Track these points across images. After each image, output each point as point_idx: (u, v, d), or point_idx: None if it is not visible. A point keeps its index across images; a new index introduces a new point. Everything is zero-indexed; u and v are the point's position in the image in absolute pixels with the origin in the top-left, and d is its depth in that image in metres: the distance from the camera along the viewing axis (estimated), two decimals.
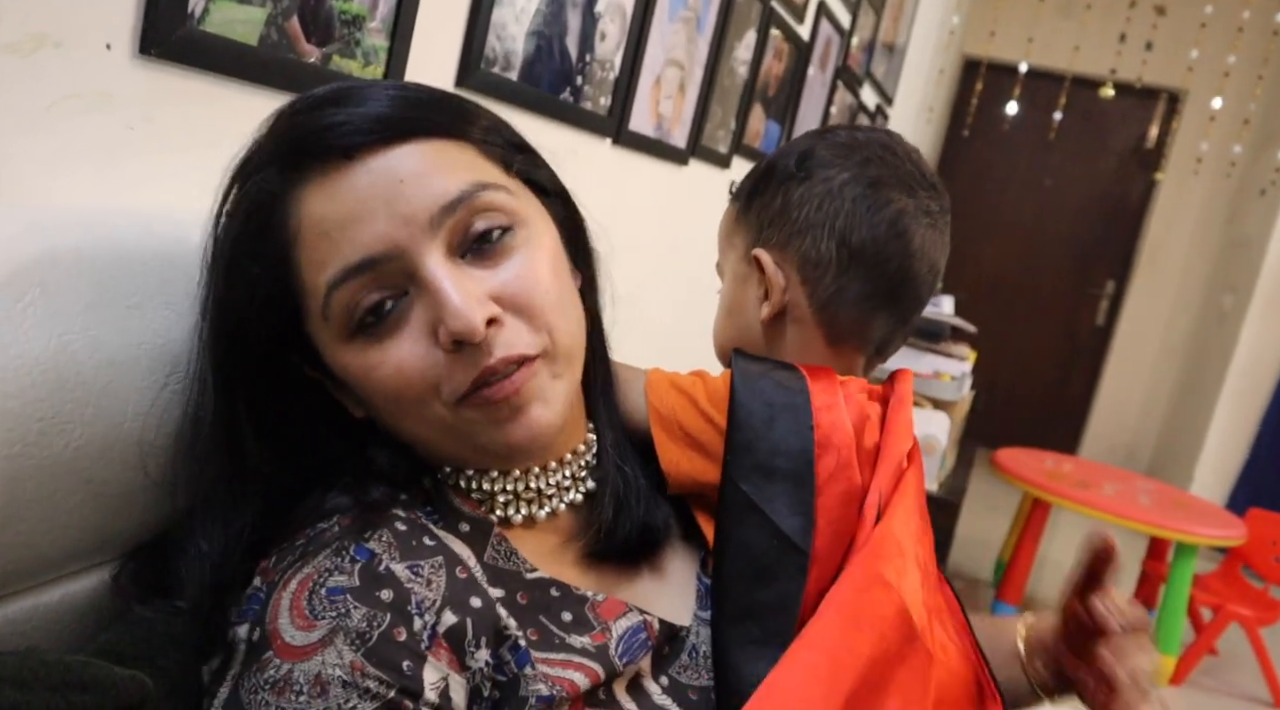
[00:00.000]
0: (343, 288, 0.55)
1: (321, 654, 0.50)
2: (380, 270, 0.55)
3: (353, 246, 0.55)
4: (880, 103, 3.75)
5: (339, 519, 0.57)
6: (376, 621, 0.52)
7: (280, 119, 0.59)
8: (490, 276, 0.57)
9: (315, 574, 0.54)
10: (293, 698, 0.50)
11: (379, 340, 0.56)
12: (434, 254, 0.55)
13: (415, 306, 0.56)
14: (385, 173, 0.55)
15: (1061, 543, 4.03)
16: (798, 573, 0.63)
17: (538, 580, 0.61)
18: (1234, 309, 4.40)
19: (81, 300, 0.60)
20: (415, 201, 0.55)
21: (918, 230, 0.77)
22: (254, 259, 0.57)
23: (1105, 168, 5.22)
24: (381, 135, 0.55)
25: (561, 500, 0.66)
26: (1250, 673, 3.03)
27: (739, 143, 2.25)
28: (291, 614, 0.52)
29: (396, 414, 0.59)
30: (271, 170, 0.57)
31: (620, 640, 0.61)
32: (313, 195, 0.56)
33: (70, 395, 0.58)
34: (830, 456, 0.66)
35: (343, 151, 0.55)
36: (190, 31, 0.79)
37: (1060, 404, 5.38)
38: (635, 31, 1.58)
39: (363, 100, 0.57)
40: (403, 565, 0.55)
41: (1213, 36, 4.24)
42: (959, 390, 2.88)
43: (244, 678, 0.51)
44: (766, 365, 0.72)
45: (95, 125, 0.75)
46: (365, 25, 0.99)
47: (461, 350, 0.55)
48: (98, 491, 0.61)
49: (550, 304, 0.58)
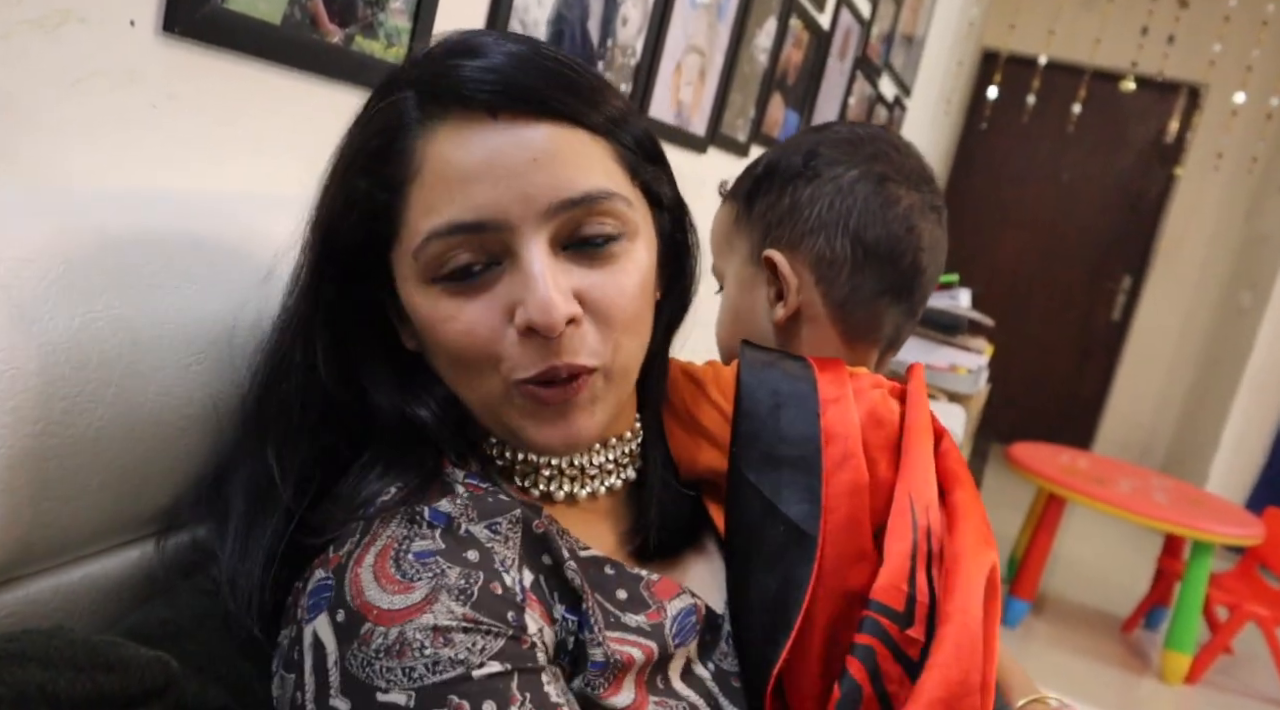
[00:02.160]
0: (443, 240, 0.55)
1: (430, 610, 0.50)
2: (484, 236, 0.55)
3: (467, 204, 0.54)
4: (899, 94, 3.72)
5: (396, 490, 0.57)
6: (473, 578, 0.53)
7: (435, 52, 0.58)
8: (582, 275, 0.57)
9: (394, 543, 0.54)
10: (418, 653, 0.49)
11: (458, 295, 0.56)
12: (539, 240, 0.55)
13: (503, 279, 0.56)
14: (522, 145, 0.54)
15: (1076, 539, 4.02)
16: (806, 559, 0.62)
17: (591, 558, 0.61)
18: (1253, 306, 4.36)
19: (105, 279, 0.60)
20: (540, 185, 0.54)
21: (926, 226, 0.77)
22: (367, 176, 0.57)
23: (1124, 162, 5.17)
24: (532, 107, 0.55)
25: (603, 483, 0.65)
26: (1266, 672, 3.01)
27: (757, 131, 2.24)
28: (380, 583, 0.52)
29: (450, 370, 0.59)
30: (411, 95, 0.56)
31: (675, 620, 0.61)
32: (446, 138, 0.55)
33: (93, 374, 0.57)
34: (837, 446, 0.65)
35: (488, 108, 0.54)
36: (214, 9, 0.78)
37: (1075, 399, 5.34)
38: (657, 17, 1.56)
39: (528, 66, 0.56)
40: (481, 526, 0.56)
41: (1236, 30, 4.19)
42: (975, 384, 2.86)
43: (349, 657, 0.50)
44: (774, 355, 0.72)
45: (118, 102, 0.74)
46: (388, 6, 0.98)
47: (532, 338, 0.55)
48: (120, 471, 0.61)
49: (625, 321, 0.58)
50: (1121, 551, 4.02)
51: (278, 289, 0.64)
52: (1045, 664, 2.88)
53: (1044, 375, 5.34)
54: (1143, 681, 2.89)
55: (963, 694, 0.58)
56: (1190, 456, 4.65)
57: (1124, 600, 3.41)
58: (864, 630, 0.60)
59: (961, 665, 0.59)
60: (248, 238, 0.73)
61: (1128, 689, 2.84)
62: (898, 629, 0.60)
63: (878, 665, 0.60)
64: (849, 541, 0.63)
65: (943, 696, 0.57)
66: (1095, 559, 3.90)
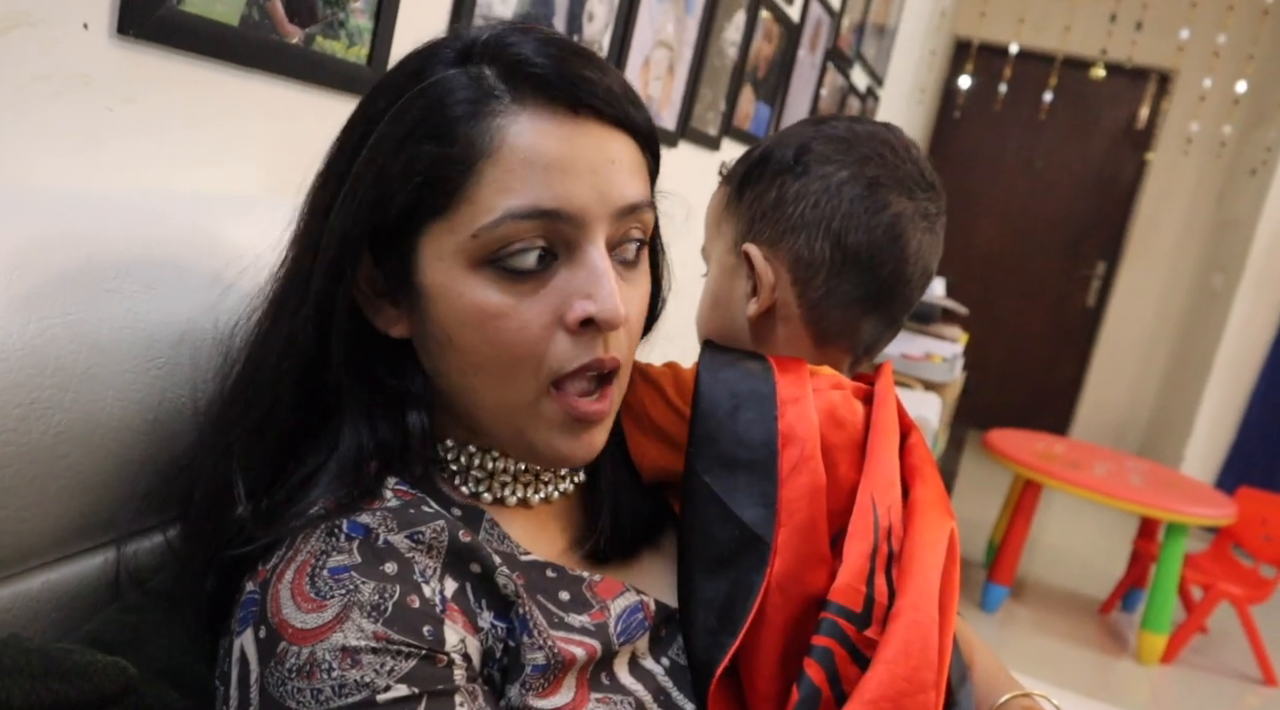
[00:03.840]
0: (518, 222, 0.54)
1: (341, 629, 0.50)
2: (558, 225, 0.55)
3: (550, 191, 0.55)
4: (871, 84, 3.74)
5: (323, 502, 0.57)
6: (388, 592, 0.52)
7: (507, 35, 0.57)
8: (620, 286, 0.59)
9: (311, 558, 0.53)
10: (325, 675, 0.49)
11: (510, 287, 0.56)
12: (602, 239, 0.57)
13: (559, 273, 0.56)
14: (604, 147, 0.56)
15: (1053, 524, 4.06)
16: (759, 564, 0.62)
17: (532, 562, 0.61)
18: (1224, 289, 4.41)
19: (60, 285, 0.59)
20: (616, 186, 0.57)
21: (914, 234, 0.75)
22: (438, 141, 0.55)
23: (1096, 148, 5.21)
24: (617, 114, 0.57)
25: (556, 487, 0.66)
26: (1240, 651, 3.05)
27: (729, 124, 2.24)
28: (295, 601, 0.51)
29: (478, 368, 0.57)
30: (495, 72, 0.56)
31: (619, 619, 0.61)
32: (529, 123, 0.55)
33: (50, 380, 0.57)
34: (794, 448, 0.64)
35: (573, 103, 0.55)
36: (169, 11, 0.78)
37: (1052, 385, 5.39)
38: (623, 12, 1.56)
39: (607, 71, 0.58)
40: (401, 535, 0.55)
41: (1202, 16, 4.23)
42: (950, 372, 2.88)
43: (266, 677, 0.50)
44: (734, 356, 0.71)
45: (74, 106, 0.74)
46: (349, 5, 0.98)
47: (584, 334, 0.56)
48: (80, 477, 0.60)
49: (638, 328, 0.62)
50: (1098, 535, 4.06)
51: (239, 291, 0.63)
52: (1025, 648, 2.91)
53: (1021, 362, 5.38)
54: (1120, 663, 2.92)
55: (910, 691, 0.58)
56: (1166, 439, 4.70)
57: (1101, 583, 3.46)
58: (821, 632, 0.60)
59: (910, 662, 0.59)
60: (208, 241, 0.73)
61: (1105, 670, 2.88)
62: (855, 630, 0.60)
63: (836, 667, 0.59)
64: (807, 545, 0.63)
65: (888, 694, 0.57)
66: (1073, 543, 3.94)
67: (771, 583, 0.61)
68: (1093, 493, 2.87)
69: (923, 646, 0.60)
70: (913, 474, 0.69)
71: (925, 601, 0.62)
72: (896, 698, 0.58)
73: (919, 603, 0.61)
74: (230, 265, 0.70)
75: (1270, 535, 2.90)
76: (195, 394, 0.67)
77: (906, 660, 0.59)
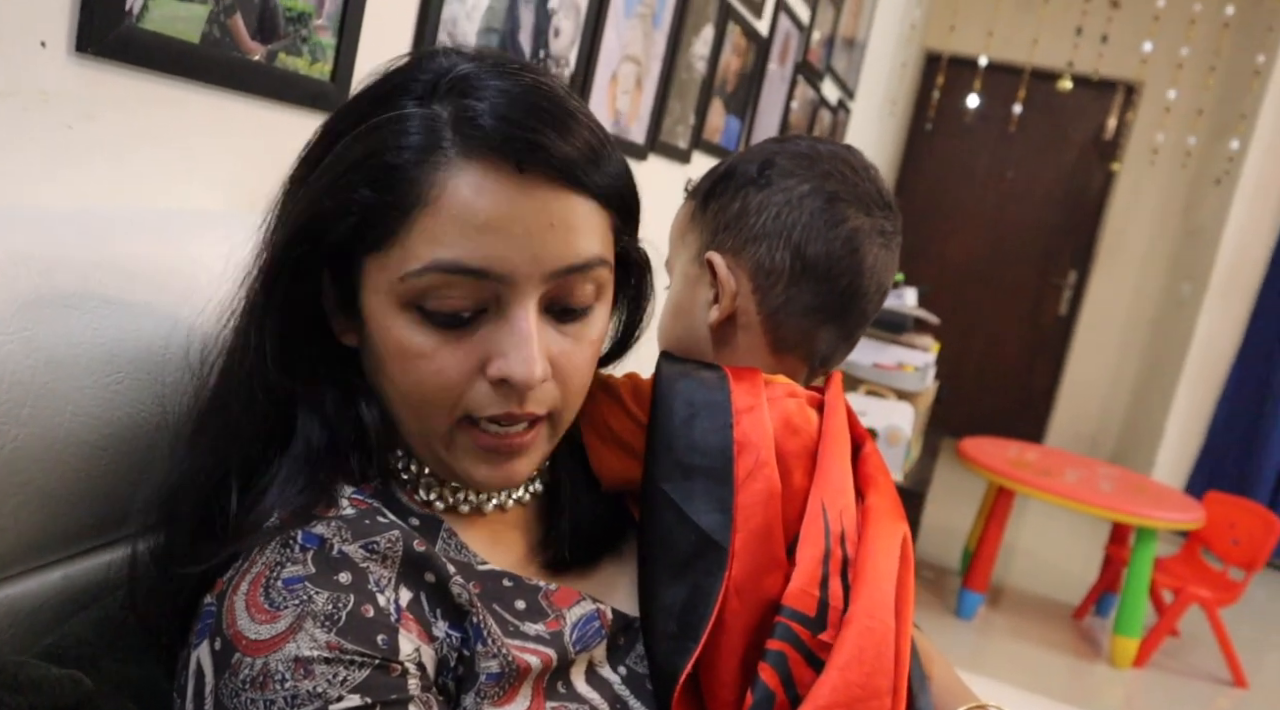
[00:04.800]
0: (442, 276, 0.55)
1: (294, 639, 0.50)
2: (481, 284, 0.55)
3: (478, 251, 0.55)
4: (842, 97, 3.77)
5: (279, 513, 0.57)
6: (342, 602, 0.53)
7: (472, 79, 0.56)
8: (556, 340, 0.59)
9: (266, 570, 0.54)
10: (278, 686, 0.49)
11: (434, 332, 0.56)
12: (534, 299, 0.57)
13: (485, 327, 0.57)
14: (544, 209, 0.56)
15: (1027, 530, 4.09)
16: (716, 569, 0.63)
17: (489, 572, 0.61)
18: (1191, 297, 4.47)
19: (16, 302, 0.60)
20: (551, 249, 0.56)
21: (871, 249, 0.77)
22: (375, 187, 0.55)
23: (1065, 159, 5.28)
24: (565, 180, 0.56)
25: (510, 496, 0.66)
26: (1211, 653, 3.09)
27: (699, 138, 2.26)
28: (250, 612, 0.52)
29: (400, 398, 0.59)
30: (446, 119, 0.55)
31: (574, 627, 0.61)
32: (470, 178, 0.54)
33: (5, 396, 0.57)
34: (749, 455, 0.66)
35: (518, 166, 0.55)
36: (128, 29, 0.78)
37: (1025, 393, 5.44)
38: (590, 28, 1.58)
39: (565, 132, 0.56)
40: (356, 545, 0.56)
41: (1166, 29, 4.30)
42: (922, 381, 2.91)
43: (221, 687, 0.50)
44: (689, 366, 0.73)
45: (32, 123, 0.74)
46: (311, 22, 0.99)
47: (501, 388, 0.57)
48: (37, 493, 0.61)
49: (578, 387, 0.62)
50: (1071, 541, 4.10)
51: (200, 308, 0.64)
52: (1001, 654, 2.93)
53: (995, 371, 5.43)
54: (1094, 667, 2.95)
55: (864, 696, 0.59)
56: (1138, 445, 4.75)
57: (1075, 588, 3.49)
58: (776, 636, 0.61)
59: (864, 668, 0.60)
60: (170, 257, 0.73)
61: (1079, 675, 2.90)
62: (810, 634, 0.61)
63: (790, 671, 0.60)
64: (763, 550, 0.64)
65: (842, 700, 0.58)
66: (1046, 549, 3.97)
67: (730, 587, 0.62)
68: (1064, 499, 2.90)
69: (877, 652, 0.61)
70: (867, 482, 0.71)
71: (879, 608, 0.63)
72: (850, 703, 0.59)
73: (873, 609, 0.62)
74: (191, 282, 0.71)
75: (1238, 539, 2.94)
76: (164, 410, 0.67)
77: (860, 665, 0.60)
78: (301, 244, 0.57)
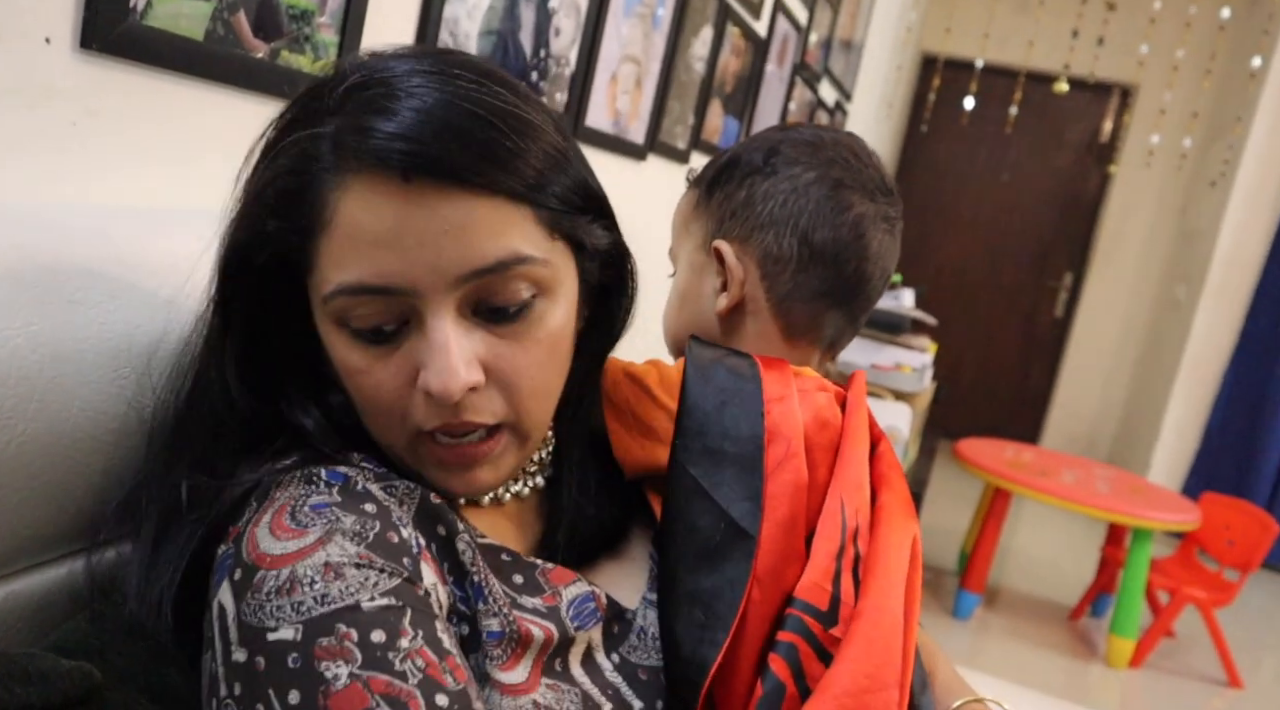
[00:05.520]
0: (351, 298, 0.55)
1: (324, 548, 0.50)
2: (390, 299, 0.55)
3: (374, 268, 0.54)
4: (839, 99, 3.78)
5: (297, 457, 0.58)
6: (369, 525, 0.53)
7: (355, 92, 0.55)
8: (491, 343, 0.57)
9: (291, 500, 0.54)
10: (307, 589, 0.49)
11: (367, 348, 0.57)
12: (447, 308, 0.55)
13: (411, 338, 0.56)
14: (434, 216, 0.53)
15: (1024, 531, 4.10)
16: (744, 557, 0.62)
17: (488, 545, 0.62)
18: (1187, 299, 4.49)
19: (22, 296, 0.60)
20: (450, 256, 0.54)
21: (876, 235, 0.78)
22: (277, 217, 0.56)
23: (1061, 161, 5.30)
24: (447, 178, 0.53)
25: (508, 489, 0.66)
26: (1206, 654, 3.10)
27: (697, 138, 2.27)
28: (274, 534, 0.52)
29: (360, 411, 0.60)
30: (328, 137, 0.54)
31: (571, 605, 0.61)
32: (359, 195, 0.53)
33: (12, 391, 0.58)
34: (779, 445, 0.66)
35: (403, 176, 0.53)
36: (133, 26, 0.78)
37: (1022, 395, 5.46)
38: (590, 27, 1.58)
39: (446, 132, 0.53)
40: (378, 486, 0.57)
41: (1161, 31, 4.32)
42: (920, 382, 2.91)
43: (244, 609, 0.49)
44: (720, 352, 0.73)
45: (36, 120, 0.74)
46: (314, 20, 0.99)
47: (431, 401, 0.56)
48: (45, 487, 0.61)
49: (531, 388, 0.59)
50: (1068, 542, 4.11)
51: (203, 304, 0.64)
52: (997, 654, 2.94)
53: (992, 372, 5.45)
54: (1090, 667, 2.96)
55: (872, 688, 0.59)
56: (1134, 446, 4.77)
57: (1071, 589, 3.49)
58: (788, 628, 0.61)
59: (873, 660, 0.60)
60: (173, 253, 0.73)
61: (1076, 675, 2.91)
62: (821, 628, 0.61)
63: (801, 663, 0.60)
64: (786, 541, 0.64)
65: (851, 690, 0.58)
66: (1043, 550, 3.98)
67: (756, 577, 0.62)
68: (1061, 500, 2.91)
69: (885, 645, 0.61)
70: (880, 481, 0.71)
71: (889, 602, 0.63)
72: (859, 694, 0.59)
73: (882, 604, 0.62)
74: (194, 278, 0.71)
75: (1233, 540, 2.95)
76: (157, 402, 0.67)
77: (869, 658, 0.60)
78: (236, 274, 0.58)
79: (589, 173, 0.62)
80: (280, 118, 0.58)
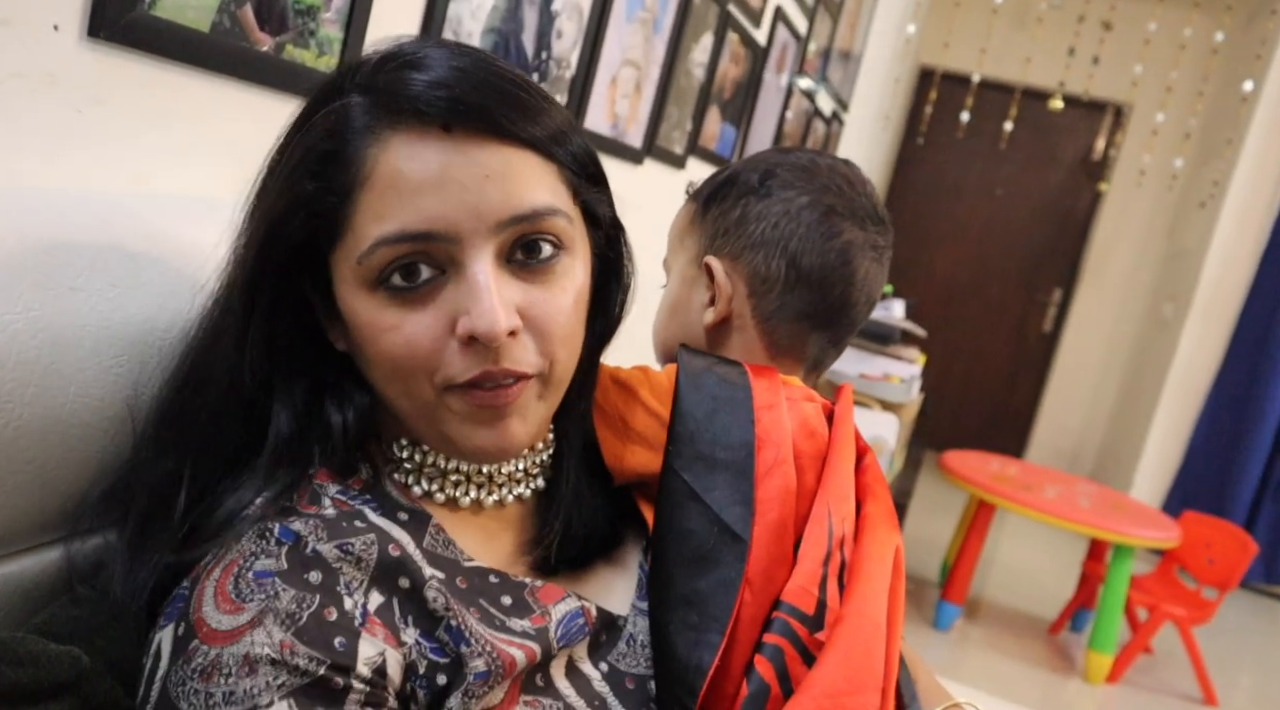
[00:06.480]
0: (391, 247, 0.56)
1: (250, 634, 0.51)
2: (432, 245, 0.56)
3: (418, 214, 0.55)
4: (836, 109, 3.80)
5: (260, 503, 0.58)
6: (306, 602, 0.53)
7: (386, 61, 0.58)
8: (524, 290, 0.59)
9: (239, 559, 0.54)
10: (221, 680, 0.50)
11: (401, 304, 0.57)
12: (487, 253, 0.57)
13: (446, 287, 0.57)
14: (475, 163, 0.56)
15: (1006, 544, 4.12)
16: (737, 561, 0.64)
17: (475, 568, 0.62)
18: (1174, 318, 4.52)
19: (23, 281, 0.60)
20: (492, 201, 0.56)
21: (863, 262, 0.80)
22: (316, 178, 0.57)
23: (1054, 178, 5.33)
24: (486, 126, 0.56)
25: (511, 491, 0.67)
26: (1183, 671, 3.12)
27: (694, 144, 2.28)
28: (217, 601, 0.52)
29: (384, 377, 0.60)
30: (366, 101, 0.57)
31: (559, 624, 0.62)
32: (399, 147, 0.56)
33: (10, 375, 0.58)
34: (769, 451, 0.67)
35: (443, 123, 0.55)
36: (140, 15, 0.79)
37: (1008, 408, 5.49)
38: (592, 30, 1.59)
39: (483, 85, 0.57)
40: (330, 545, 0.56)
41: (1156, 52, 4.36)
42: (908, 393, 2.93)
43: (171, 673, 0.51)
44: (711, 360, 0.74)
45: (42, 107, 0.74)
46: (319, 15, 0.99)
47: (473, 346, 0.57)
48: (39, 471, 0.61)
49: (562, 335, 0.60)
50: (1049, 556, 4.13)
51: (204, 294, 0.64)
52: (976, 666, 2.95)
53: (979, 385, 5.47)
54: (1068, 682, 2.97)
55: (851, 691, 0.60)
56: (1117, 463, 4.80)
57: (1051, 603, 3.51)
58: (774, 631, 0.62)
59: (853, 664, 0.61)
60: (175, 242, 0.73)
61: (1053, 689, 2.93)
62: (807, 631, 0.62)
63: (785, 665, 0.61)
64: (776, 545, 0.65)
65: (829, 691, 0.59)
66: (1024, 564, 4.00)
67: (748, 579, 0.63)
68: (1043, 514, 2.92)
69: (865, 650, 0.62)
70: (865, 492, 0.72)
71: (870, 608, 0.64)
72: (837, 695, 0.60)
73: (863, 609, 0.63)
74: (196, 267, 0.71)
75: (1213, 558, 2.97)
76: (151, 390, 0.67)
77: (849, 662, 0.61)
78: (270, 254, 0.59)
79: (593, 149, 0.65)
80: (305, 106, 0.60)
